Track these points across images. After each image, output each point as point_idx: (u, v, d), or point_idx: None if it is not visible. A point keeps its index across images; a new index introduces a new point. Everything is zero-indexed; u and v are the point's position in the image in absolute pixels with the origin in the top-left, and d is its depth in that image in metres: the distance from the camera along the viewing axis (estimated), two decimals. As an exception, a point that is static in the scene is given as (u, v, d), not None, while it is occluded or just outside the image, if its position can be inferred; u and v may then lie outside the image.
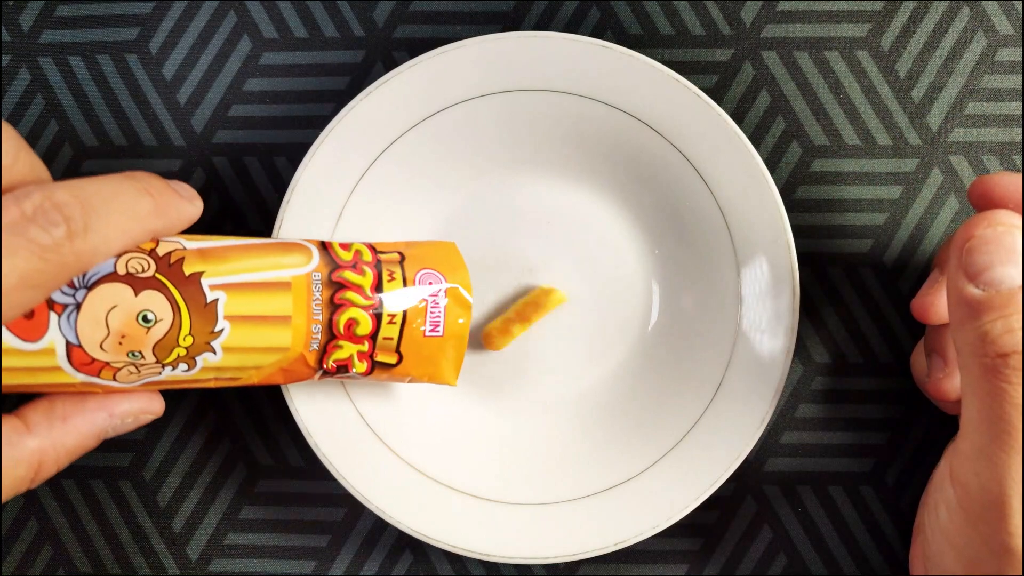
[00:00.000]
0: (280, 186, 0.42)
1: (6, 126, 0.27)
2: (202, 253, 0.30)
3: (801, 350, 0.41)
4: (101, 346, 0.28)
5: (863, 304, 0.41)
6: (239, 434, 0.42)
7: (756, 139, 0.41)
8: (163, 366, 0.29)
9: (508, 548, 0.37)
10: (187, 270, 0.29)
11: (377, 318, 0.32)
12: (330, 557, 0.41)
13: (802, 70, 0.41)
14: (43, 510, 0.42)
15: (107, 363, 0.28)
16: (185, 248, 0.29)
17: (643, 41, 0.42)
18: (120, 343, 0.28)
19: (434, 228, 0.41)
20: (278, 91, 0.42)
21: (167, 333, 0.28)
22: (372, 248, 0.34)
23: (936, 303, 0.35)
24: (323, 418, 0.38)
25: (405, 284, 0.33)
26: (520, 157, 0.40)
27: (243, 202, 0.42)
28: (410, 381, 0.35)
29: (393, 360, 0.34)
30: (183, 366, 0.30)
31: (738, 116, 0.41)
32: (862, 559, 0.40)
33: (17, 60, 0.42)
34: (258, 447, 0.42)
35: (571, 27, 0.42)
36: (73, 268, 0.25)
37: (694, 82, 0.40)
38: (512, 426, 0.40)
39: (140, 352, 0.28)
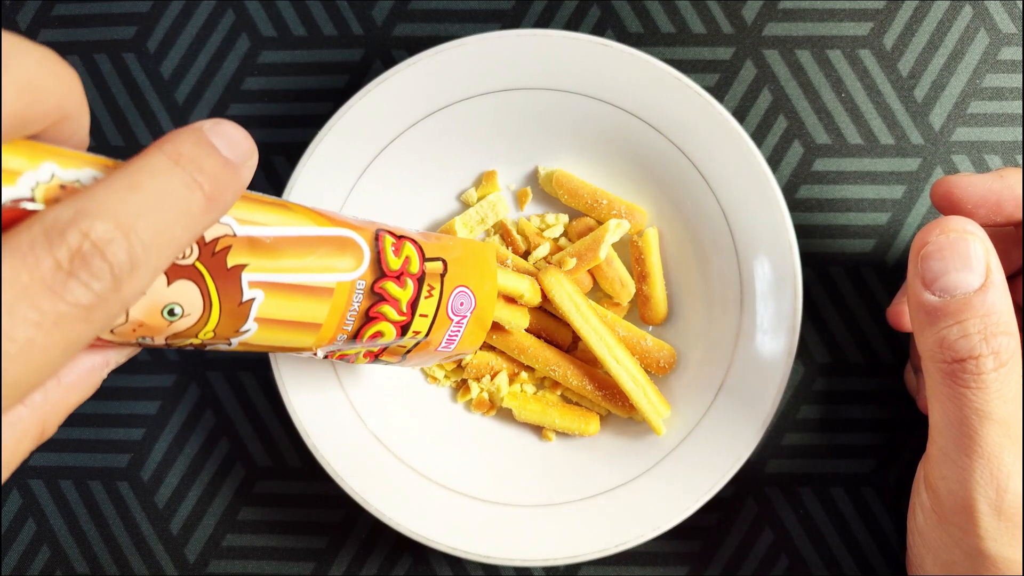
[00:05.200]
0: (279, 185, 0.42)
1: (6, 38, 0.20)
2: (251, 243, 0.26)
3: (803, 350, 0.40)
4: (113, 331, 0.24)
5: (865, 304, 0.40)
6: (237, 435, 0.41)
7: (758, 138, 0.41)
8: (168, 346, 0.26)
9: (508, 550, 0.37)
10: (231, 261, 0.25)
11: (403, 331, 0.31)
12: (329, 559, 0.41)
13: (804, 69, 0.41)
14: (41, 511, 0.42)
15: (111, 342, 0.25)
16: (235, 234, 0.25)
17: (644, 39, 0.41)
18: (134, 331, 0.24)
19: (434, 228, 0.41)
20: (277, 90, 0.42)
21: (189, 328, 0.25)
22: (421, 253, 0.31)
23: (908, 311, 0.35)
24: (322, 419, 0.37)
25: (439, 305, 0.32)
26: (519, 156, 0.40)
27: (241, 201, 0.42)
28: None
29: (395, 361, 0.33)
30: (189, 347, 0.27)
31: (740, 115, 0.41)
32: (863, 560, 0.40)
33: (14, 59, 0.42)
34: (256, 448, 0.41)
35: (571, 25, 0.41)
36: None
37: (695, 81, 0.40)
38: (512, 428, 0.40)
39: (151, 338, 0.25)
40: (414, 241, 0.32)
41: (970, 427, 0.28)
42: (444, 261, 0.32)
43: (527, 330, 0.39)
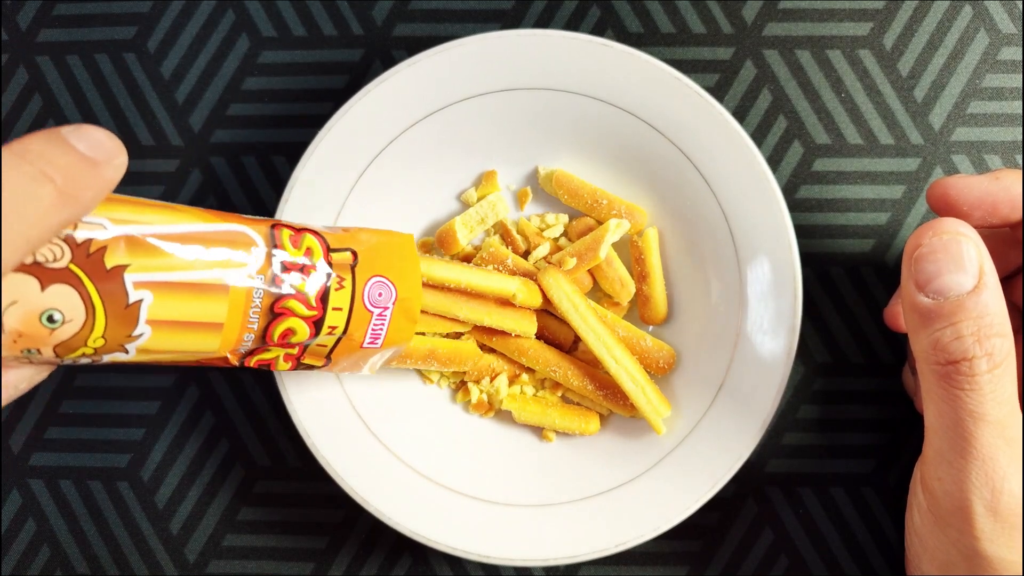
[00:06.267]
0: (278, 185, 0.42)
1: None
2: (131, 242, 0.24)
3: (802, 350, 0.40)
4: None
5: (865, 304, 0.40)
6: (237, 435, 0.41)
7: (758, 138, 0.41)
8: (61, 359, 0.25)
9: (508, 550, 0.37)
10: (109, 262, 0.24)
11: (316, 328, 0.29)
12: (329, 559, 0.41)
13: (804, 69, 0.41)
14: (41, 511, 0.42)
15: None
16: (108, 234, 0.24)
17: (644, 39, 0.41)
18: (15, 342, 0.23)
19: (433, 229, 0.41)
20: (277, 90, 0.42)
21: (75, 335, 0.24)
22: (325, 244, 0.30)
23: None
24: (321, 419, 0.37)
25: (353, 296, 0.30)
26: (519, 156, 0.40)
27: (241, 201, 0.42)
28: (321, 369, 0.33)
29: (320, 363, 0.32)
30: (86, 360, 0.26)
31: (739, 115, 0.41)
32: (863, 560, 0.40)
33: (15, 59, 0.42)
34: (256, 448, 0.41)
35: (571, 25, 0.41)
36: None
37: (695, 81, 0.40)
38: (512, 428, 0.40)
39: (38, 350, 0.24)
40: (316, 233, 0.30)
41: (965, 429, 0.28)
42: (353, 251, 0.31)
43: None
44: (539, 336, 0.40)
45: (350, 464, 0.37)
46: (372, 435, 0.38)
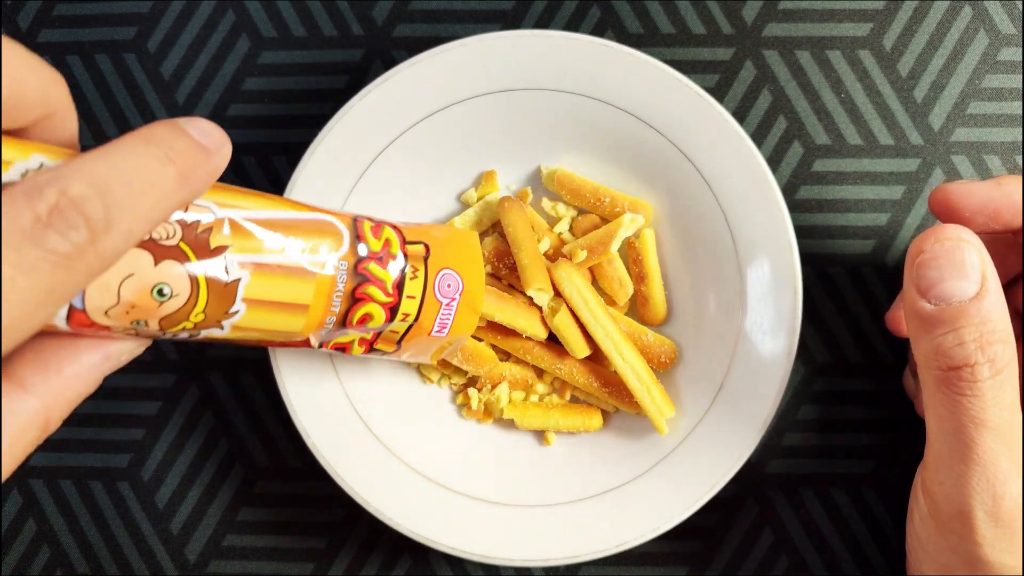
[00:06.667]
0: (279, 186, 0.42)
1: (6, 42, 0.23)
2: (233, 225, 0.27)
3: (803, 351, 0.40)
4: (107, 313, 0.25)
5: (865, 305, 0.40)
6: (237, 435, 0.41)
7: (758, 139, 0.41)
8: (163, 332, 0.27)
9: (508, 550, 0.37)
10: (214, 242, 0.26)
11: (392, 314, 0.32)
12: (329, 559, 0.41)
13: (804, 69, 0.41)
14: (41, 511, 0.42)
15: (107, 327, 0.26)
16: (215, 216, 0.26)
17: (644, 40, 0.41)
18: (127, 313, 0.25)
19: (434, 228, 0.41)
20: (277, 90, 0.42)
21: (179, 309, 0.26)
22: (401, 236, 0.32)
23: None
24: (322, 419, 0.37)
25: (425, 285, 0.32)
26: (520, 156, 0.40)
27: (242, 202, 0.42)
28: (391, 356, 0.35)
29: (391, 349, 0.34)
30: (184, 335, 0.28)
31: (739, 115, 0.41)
32: (863, 560, 0.40)
33: (15, 59, 0.42)
34: (256, 448, 0.41)
35: (571, 26, 0.41)
36: (96, 272, 0.22)
37: (695, 81, 0.40)
38: (512, 428, 0.40)
39: (146, 322, 0.26)
40: (393, 226, 0.32)
41: (966, 434, 0.28)
42: (426, 244, 0.33)
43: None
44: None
45: (350, 464, 0.37)
46: (372, 435, 0.38)
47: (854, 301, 0.40)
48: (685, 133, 0.37)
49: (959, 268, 0.28)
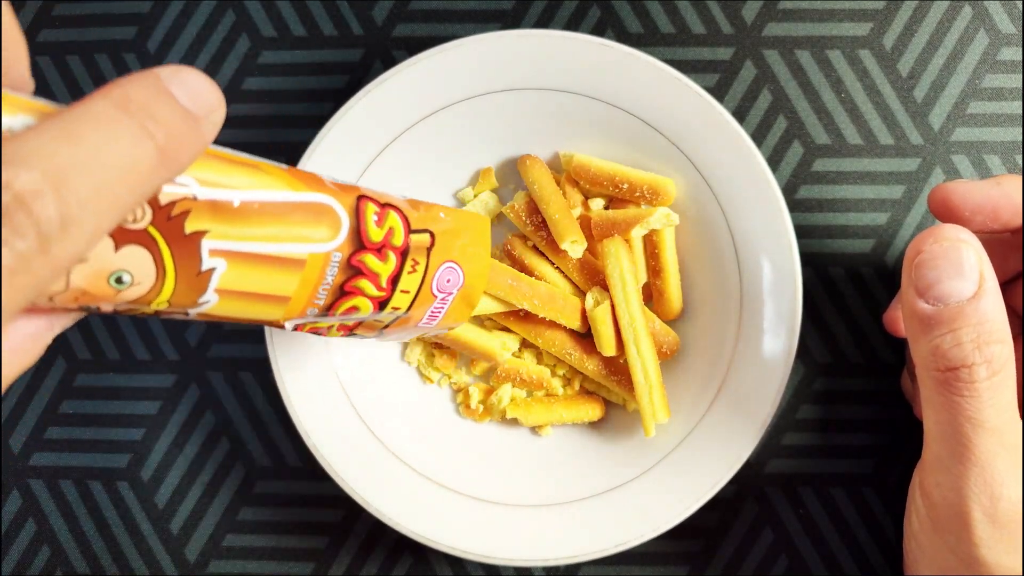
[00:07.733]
0: (279, 186, 0.42)
1: None
2: (214, 207, 0.23)
3: (802, 350, 0.40)
4: (51, 298, 0.21)
5: (865, 304, 0.40)
6: (237, 435, 0.41)
7: (758, 138, 0.41)
8: (116, 312, 0.23)
9: (508, 550, 0.37)
10: (189, 227, 0.22)
11: (380, 307, 0.29)
12: (329, 559, 0.41)
13: (804, 69, 0.41)
14: (41, 511, 0.42)
15: (50, 309, 0.22)
16: (195, 197, 0.22)
17: (644, 40, 0.41)
18: (76, 299, 0.21)
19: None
20: (277, 90, 0.42)
21: (140, 297, 0.22)
22: (407, 224, 0.29)
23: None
24: (322, 419, 0.37)
25: (424, 279, 0.30)
26: (519, 156, 0.40)
27: (242, 202, 0.42)
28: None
29: (373, 335, 0.31)
30: (141, 315, 0.24)
31: (739, 115, 0.41)
32: (863, 560, 0.40)
33: (14, 59, 0.42)
34: (256, 448, 0.41)
35: (571, 26, 0.41)
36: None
37: (695, 81, 0.40)
38: (512, 428, 0.40)
39: (97, 307, 0.22)
40: (399, 210, 0.29)
41: (964, 435, 0.28)
42: (432, 233, 0.30)
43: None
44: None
45: (350, 464, 0.37)
46: (372, 435, 0.38)
47: (854, 301, 0.40)
48: (685, 133, 0.37)
49: (957, 268, 0.28)
